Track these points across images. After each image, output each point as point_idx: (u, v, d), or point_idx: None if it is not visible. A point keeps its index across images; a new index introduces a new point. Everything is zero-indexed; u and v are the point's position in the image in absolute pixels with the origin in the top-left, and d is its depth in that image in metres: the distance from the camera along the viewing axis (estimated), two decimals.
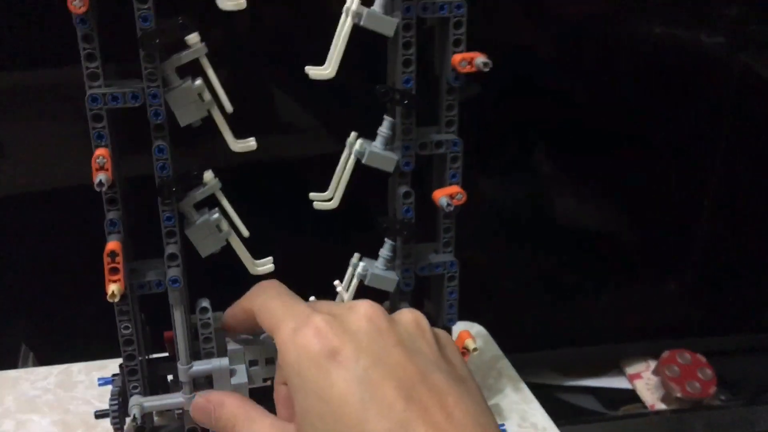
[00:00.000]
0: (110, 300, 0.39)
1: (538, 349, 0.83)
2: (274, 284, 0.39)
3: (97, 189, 0.38)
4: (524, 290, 0.82)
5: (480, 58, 0.40)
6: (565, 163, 0.78)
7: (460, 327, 0.59)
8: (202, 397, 0.40)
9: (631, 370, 0.86)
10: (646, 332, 0.85)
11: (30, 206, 0.61)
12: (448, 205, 0.43)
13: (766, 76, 0.78)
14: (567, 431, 0.66)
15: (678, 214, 0.82)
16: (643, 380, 0.87)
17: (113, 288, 0.39)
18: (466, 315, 0.62)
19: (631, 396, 0.86)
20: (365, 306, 0.33)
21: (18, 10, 0.55)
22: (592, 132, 0.76)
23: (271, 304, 0.36)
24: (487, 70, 0.40)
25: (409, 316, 0.35)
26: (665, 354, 0.73)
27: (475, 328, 0.61)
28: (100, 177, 0.37)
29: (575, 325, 0.82)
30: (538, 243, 0.79)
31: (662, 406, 0.77)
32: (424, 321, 0.35)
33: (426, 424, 0.29)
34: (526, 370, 0.76)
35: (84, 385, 0.55)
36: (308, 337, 0.31)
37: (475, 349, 0.46)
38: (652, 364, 0.82)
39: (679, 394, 0.63)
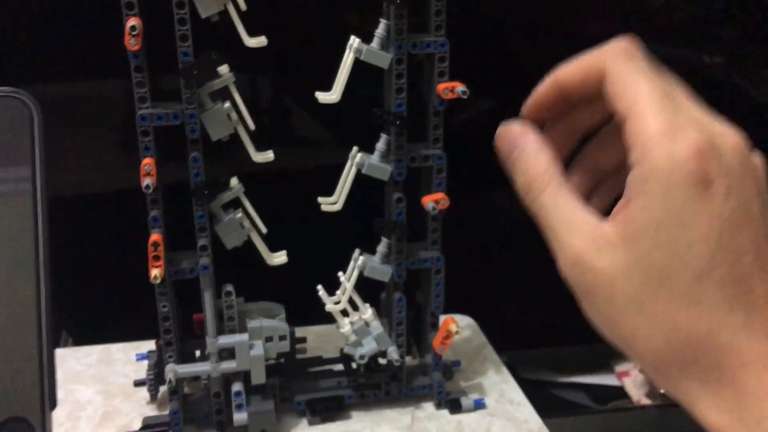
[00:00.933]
0: (153, 282, 0.47)
1: (535, 347, 0.88)
2: (635, 50, 0.30)
3: (144, 191, 0.46)
4: (522, 292, 0.87)
5: (460, 87, 0.48)
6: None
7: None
8: (508, 128, 0.32)
9: (620, 368, 0.91)
10: None
11: (71, 209, 0.68)
12: (434, 208, 0.51)
13: (755, 96, 0.83)
14: (559, 423, 0.71)
15: None
16: (631, 378, 0.92)
17: (155, 272, 0.47)
18: (464, 311, 0.69)
19: (619, 392, 0.91)
20: (738, 137, 0.28)
21: (67, 28, 0.62)
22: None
23: (635, 79, 0.29)
24: (465, 97, 0.48)
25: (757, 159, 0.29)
26: None
27: (465, 320, 0.68)
28: (147, 181, 0.46)
29: (570, 326, 0.88)
30: (537, 247, 0.84)
31: (647, 402, 0.83)
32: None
33: (765, 282, 0.27)
34: (522, 367, 0.81)
35: (122, 362, 0.63)
36: (688, 155, 0.27)
37: (456, 332, 0.53)
38: None
39: (662, 390, 0.68)
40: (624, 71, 0.29)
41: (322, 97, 0.48)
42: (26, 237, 0.37)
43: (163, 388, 0.55)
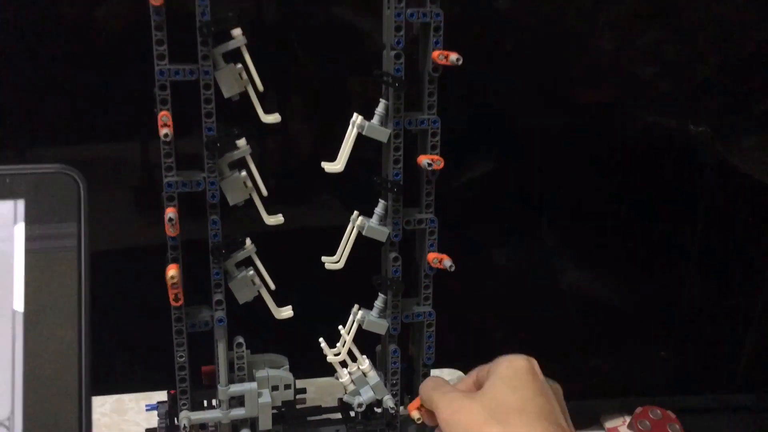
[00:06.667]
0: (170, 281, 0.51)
1: None
2: (433, 380, 0.53)
3: (164, 139, 0.50)
4: (512, 348, 0.91)
5: (454, 55, 0.52)
6: (563, 236, 0.87)
7: (446, 374, 0.71)
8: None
9: (609, 424, 0.94)
10: (624, 390, 0.94)
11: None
12: (430, 268, 0.56)
13: (735, 163, 0.89)
14: None
15: (659, 287, 0.91)
16: None
17: (175, 293, 0.51)
18: (455, 365, 0.73)
19: None
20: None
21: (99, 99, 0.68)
22: (586, 205, 0.85)
23: (433, 395, 0.50)
24: (459, 63, 0.51)
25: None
26: (638, 410, 0.79)
27: (456, 374, 0.73)
28: (165, 131, 0.49)
29: (558, 382, 0.92)
30: (526, 305, 0.88)
31: None
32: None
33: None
34: None
35: (134, 411, 0.66)
36: (462, 420, 0.46)
37: (419, 419, 0.55)
38: (628, 418, 0.90)
39: None
40: (425, 393, 0.52)
41: (328, 167, 0.54)
42: (71, 290, 0.42)
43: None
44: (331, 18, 0.72)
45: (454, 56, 0.52)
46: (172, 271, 0.51)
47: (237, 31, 0.51)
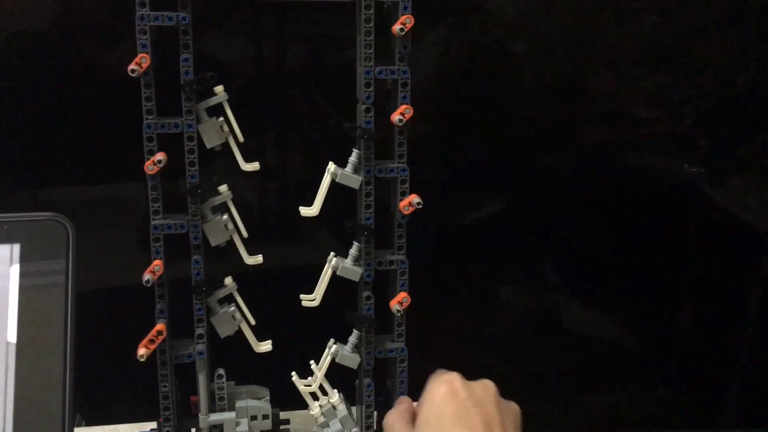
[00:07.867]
0: (139, 360, 0.55)
1: None
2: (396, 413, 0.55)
3: (154, 169, 0.54)
4: (516, 388, 0.93)
5: (416, 199, 0.57)
6: (563, 276, 0.90)
7: None
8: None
9: None
10: (618, 425, 0.95)
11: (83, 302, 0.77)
12: (398, 310, 0.60)
13: (721, 204, 0.92)
14: None
15: (654, 323, 0.93)
16: None
17: (142, 351, 0.55)
18: None
19: None
20: (485, 381, 0.51)
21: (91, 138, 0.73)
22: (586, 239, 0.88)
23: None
24: (420, 207, 0.57)
25: (512, 404, 0.52)
26: None
27: None
28: (159, 157, 0.54)
29: (555, 419, 0.94)
30: (531, 343, 0.91)
31: None
32: (517, 410, 0.52)
33: None
34: None
35: None
36: (444, 382, 0.50)
37: None
38: None
39: None
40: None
41: (304, 211, 0.58)
42: (59, 324, 0.47)
43: None
44: (321, 62, 0.77)
45: (416, 200, 0.58)
46: (141, 350, 0.55)
47: (219, 88, 0.56)
